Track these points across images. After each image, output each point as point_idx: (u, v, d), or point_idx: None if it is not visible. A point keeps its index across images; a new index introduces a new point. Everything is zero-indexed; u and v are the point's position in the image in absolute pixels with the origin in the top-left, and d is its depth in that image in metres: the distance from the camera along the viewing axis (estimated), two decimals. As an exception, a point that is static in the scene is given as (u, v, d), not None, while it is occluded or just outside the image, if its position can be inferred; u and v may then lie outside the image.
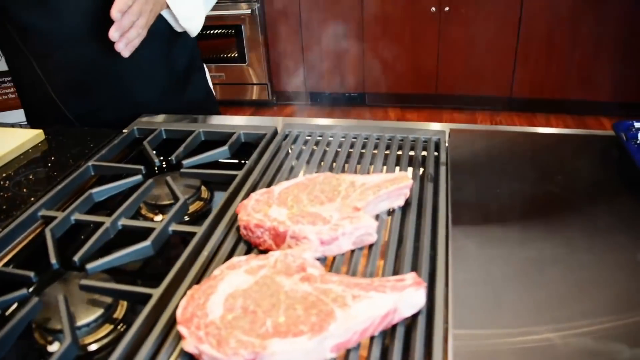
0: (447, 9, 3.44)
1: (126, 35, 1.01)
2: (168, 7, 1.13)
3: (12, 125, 1.24)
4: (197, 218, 0.90)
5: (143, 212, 0.91)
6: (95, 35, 1.14)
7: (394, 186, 0.75)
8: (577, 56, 3.47)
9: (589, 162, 0.93)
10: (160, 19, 1.16)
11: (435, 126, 1.05)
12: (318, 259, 0.67)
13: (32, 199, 0.92)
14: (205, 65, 1.46)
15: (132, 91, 1.26)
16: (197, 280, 0.66)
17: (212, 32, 3.76)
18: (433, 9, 3.45)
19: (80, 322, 0.67)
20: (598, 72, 3.49)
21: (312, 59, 3.80)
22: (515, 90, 3.64)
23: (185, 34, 1.27)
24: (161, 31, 1.19)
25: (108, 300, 0.70)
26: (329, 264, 0.69)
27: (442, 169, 0.88)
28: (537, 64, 3.54)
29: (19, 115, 3.75)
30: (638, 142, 0.96)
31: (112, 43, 1.02)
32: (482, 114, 3.74)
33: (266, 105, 4.07)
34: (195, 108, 1.35)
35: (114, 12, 0.98)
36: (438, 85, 3.70)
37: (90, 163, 0.97)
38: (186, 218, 0.89)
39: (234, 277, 0.59)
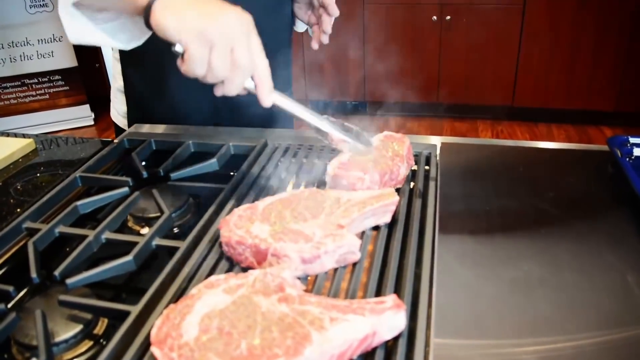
0: (448, 17, 3.43)
1: None
2: None
3: (8, 134, 1.23)
4: (185, 232, 0.89)
5: (130, 224, 0.91)
6: None
7: (380, 203, 0.74)
8: (579, 65, 3.45)
9: (582, 179, 0.92)
10: None
11: (427, 139, 1.03)
12: (300, 278, 0.66)
13: (19, 209, 0.91)
14: None
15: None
16: (177, 297, 0.65)
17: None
18: (434, 17, 3.45)
19: (58, 338, 0.66)
20: (600, 81, 3.48)
21: (313, 66, 3.80)
22: (516, 99, 3.63)
23: None
24: None
25: (87, 315, 0.69)
26: (311, 282, 0.67)
27: (432, 184, 0.87)
28: (539, 73, 3.53)
29: (20, 120, 3.77)
30: (633, 158, 0.95)
31: None
32: (484, 122, 3.72)
33: (267, 112, 4.06)
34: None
35: None
36: (439, 94, 3.69)
37: (77, 174, 0.96)
38: (175, 230, 0.88)
39: (211, 296, 0.58)
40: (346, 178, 0.79)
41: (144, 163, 1.01)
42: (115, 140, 1.11)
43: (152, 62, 1.18)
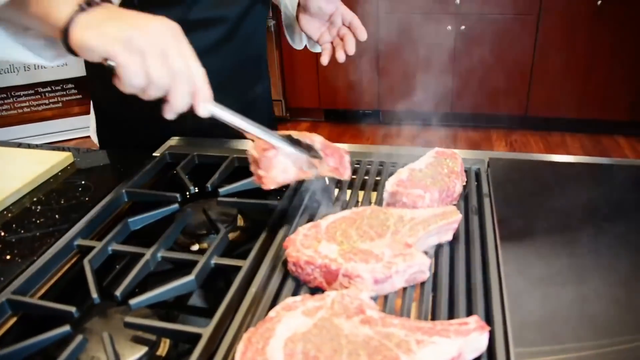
0: (462, 27, 3.43)
1: None
2: None
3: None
4: (235, 247, 0.88)
5: (179, 240, 0.90)
6: None
7: (444, 221, 0.73)
8: (594, 74, 3.45)
9: (637, 195, 0.91)
10: None
11: (473, 154, 1.03)
12: (371, 298, 0.65)
13: (66, 226, 0.90)
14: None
15: None
16: (248, 319, 0.64)
17: (226, 48, 3.76)
18: (449, 27, 3.45)
19: (124, 361, 0.65)
20: (615, 90, 3.47)
21: (327, 75, 3.79)
22: (530, 108, 3.62)
23: None
24: None
25: (151, 337, 0.68)
26: (381, 302, 0.67)
27: (486, 201, 0.86)
28: (553, 83, 3.52)
29: (33, 128, 3.76)
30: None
31: None
32: (497, 132, 3.72)
33: (280, 121, 4.05)
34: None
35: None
36: (453, 104, 3.68)
37: (124, 189, 0.95)
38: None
39: (291, 319, 0.57)
40: (406, 196, 0.78)
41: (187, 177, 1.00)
42: (156, 154, 1.11)
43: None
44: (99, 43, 0.66)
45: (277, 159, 0.78)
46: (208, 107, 0.71)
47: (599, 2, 3.22)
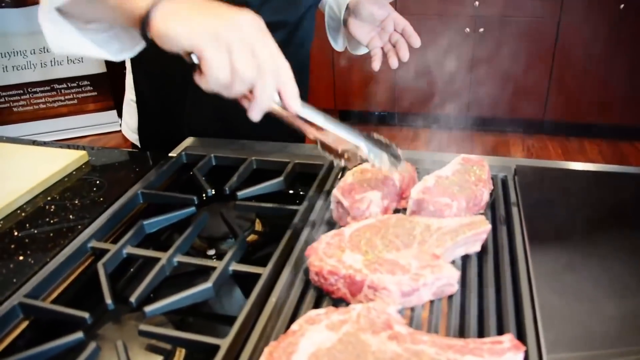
0: (481, 30, 3.39)
1: None
2: None
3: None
4: (254, 253, 0.86)
5: (195, 244, 0.87)
6: None
7: (472, 231, 0.70)
8: (613, 80, 3.39)
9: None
10: None
11: (499, 161, 0.99)
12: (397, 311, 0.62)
13: (80, 226, 0.88)
14: None
15: None
16: (268, 330, 0.61)
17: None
18: (467, 29, 3.40)
19: (139, 371, 0.63)
20: (634, 96, 3.41)
21: (343, 76, 3.76)
22: (548, 113, 3.57)
23: None
24: None
25: (167, 346, 0.66)
26: (408, 315, 0.63)
27: (514, 210, 0.82)
28: (572, 87, 3.47)
29: (48, 124, 3.77)
30: None
31: None
32: (514, 136, 3.66)
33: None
34: None
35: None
36: (470, 107, 3.64)
37: (139, 190, 0.93)
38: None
39: (314, 333, 0.54)
40: (433, 204, 0.75)
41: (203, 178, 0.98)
42: (172, 155, 1.08)
43: (163, 72, 1.15)
44: (184, 34, 0.62)
45: (369, 211, 0.77)
46: (298, 103, 0.67)
47: (622, 6, 3.16)
